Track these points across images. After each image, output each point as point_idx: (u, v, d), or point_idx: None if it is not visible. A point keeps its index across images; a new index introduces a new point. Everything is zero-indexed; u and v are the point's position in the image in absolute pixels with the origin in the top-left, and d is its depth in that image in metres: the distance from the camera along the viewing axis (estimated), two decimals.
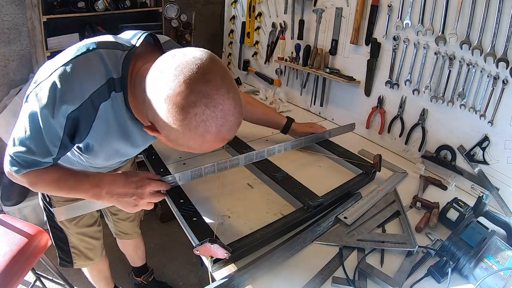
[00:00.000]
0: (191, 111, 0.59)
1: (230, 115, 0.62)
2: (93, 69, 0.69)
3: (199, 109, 0.59)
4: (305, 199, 1.01)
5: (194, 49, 0.65)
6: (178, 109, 0.60)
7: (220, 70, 0.63)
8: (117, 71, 0.72)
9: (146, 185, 0.84)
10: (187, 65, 0.61)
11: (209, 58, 0.63)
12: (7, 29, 1.94)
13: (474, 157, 1.18)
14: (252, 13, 2.04)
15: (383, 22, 1.36)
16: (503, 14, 1.01)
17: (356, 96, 1.58)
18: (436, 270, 0.82)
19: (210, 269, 0.80)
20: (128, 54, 0.73)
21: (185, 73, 0.60)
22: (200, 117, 0.60)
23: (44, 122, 0.68)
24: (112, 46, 0.73)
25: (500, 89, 1.06)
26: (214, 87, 0.60)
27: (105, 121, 0.75)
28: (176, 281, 1.85)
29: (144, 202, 0.85)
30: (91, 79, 0.69)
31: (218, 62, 0.65)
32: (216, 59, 0.65)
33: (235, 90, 0.64)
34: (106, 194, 0.82)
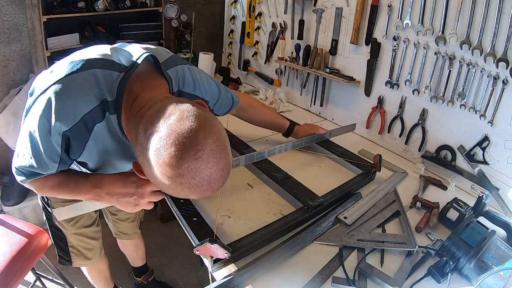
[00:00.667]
0: (178, 181, 0.59)
1: (215, 182, 0.61)
2: (87, 90, 0.68)
3: (185, 179, 0.58)
4: (305, 199, 1.01)
5: (190, 117, 0.60)
6: (165, 177, 0.59)
7: (214, 144, 0.60)
8: (111, 94, 0.70)
9: (146, 184, 0.82)
10: (180, 139, 0.57)
11: (203, 129, 0.59)
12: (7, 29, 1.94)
13: (474, 157, 1.18)
14: (252, 13, 2.04)
15: (383, 22, 1.36)
16: (503, 14, 1.01)
17: (356, 96, 1.58)
18: (436, 270, 0.82)
19: (210, 269, 0.80)
20: (124, 77, 0.71)
21: (177, 145, 0.57)
22: (186, 185, 0.59)
23: (42, 140, 0.70)
24: (108, 66, 0.71)
25: (500, 89, 1.06)
26: (203, 163, 0.58)
27: (101, 142, 0.76)
28: (176, 281, 1.85)
29: (144, 202, 0.84)
30: (84, 100, 0.68)
31: (212, 133, 0.60)
32: (212, 129, 0.61)
33: (226, 158, 0.63)
34: (106, 194, 0.82)
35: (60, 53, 1.99)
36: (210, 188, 0.61)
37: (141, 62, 0.74)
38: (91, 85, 0.69)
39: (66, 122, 0.67)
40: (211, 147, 0.59)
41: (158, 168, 0.59)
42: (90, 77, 0.69)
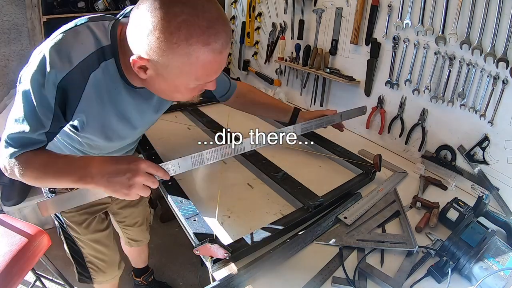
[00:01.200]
0: (169, 10, 0.60)
1: (214, 18, 0.63)
2: (80, 39, 0.70)
3: (178, 8, 0.60)
4: (305, 199, 1.01)
5: None
6: (155, 12, 0.61)
7: None
8: (106, 39, 0.72)
9: (140, 162, 0.73)
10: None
11: None
12: (7, 29, 1.94)
13: (474, 157, 1.18)
14: (252, 13, 2.04)
15: (383, 22, 1.36)
16: (503, 14, 1.01)
17: (356, 96, 1.58)
18: (436, 270, 0.82)
19: (210, 269, 0.80)
20: (115, 22, 0.75)
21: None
22: (180, 16, 0.60)
23: (36, 93, 0.69)
24: (99, 18, 0.75)
25: (500, 89, 1.06)
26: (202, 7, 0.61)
27: (97, 93, 0.75)
28: (176, 281, 1.85)
29: (139, 182, 0.72)
30: (78, 47, 0.70)
31: None
32: None
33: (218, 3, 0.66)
34: (96, 174, 0.71)
35: None
36: (212, 29, 0.63)
37: (129, 11, 0.75)
38: (85, 34, 0.71)
39: (61, 69, 0.67)
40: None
41: (150, 22, 0.62)
42: (83, 29, 0.72)
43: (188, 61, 0.64)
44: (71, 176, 0.74)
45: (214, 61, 0.67)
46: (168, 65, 0.66)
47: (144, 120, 0.95)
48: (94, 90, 0.74)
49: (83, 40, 0.71)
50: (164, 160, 1.21)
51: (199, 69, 0.67)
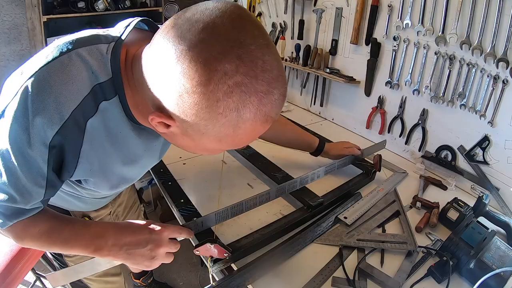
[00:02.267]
0: (218, 67, 0.41)
1: (274, 80, 0.45)
2: (71, 77, 0.52)
3: (230, 65, 0.41)
4: (305, 199, 1.01)
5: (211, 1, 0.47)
6: (197, 65, 0.41)
7: (253, 18, 0.46)
8: (105, 72, 0.54)
9: (162, 229, 0.66)
10: (207, 12, 0.44)
11: (235, 4, 0.47)
12: (7, 29, 1.95)
13: (474, 157, 1.18)
14: (252, 13, 2.04)
15: (383, 22, 1.36)
16: (503, 14, 1.01)
17: (356, 96, 1.58)
18: (436, 270, 0.82)
19: (210, 269, 0.80)
20: (115, 45, 0.55)
21: (205, 19, 0.43)
22: (232, 78, 0.42)
23: (19, 156, 0.51)
24: (92, 41, 0.56)
25: (500, 89, 1.06)
26: (248, 35, 0.42)
27: (98, 144, 0.58)
28: (176, 281, 1.85)
29: (163, 252, 0.66)
30: (69, 90, 0.51)
31: (247, 10, 0.49)
32: (244, 8, 0.48)
33: (275, 47, 0.47)
34: (112, 246, 0.63)
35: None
36: (270, 92, 0.45)
37: (133, 27, 0.59)
38: (75, 69, 0.52)
39: (51, 125, 0.50)
40: (252, 20, 0.46)
41: (184, 61, 0.42)
42: (71, 61, 0.52)
43: (233, 133, 0.48)
44: (84, 248, 0.65)
45: (262, 130, 0.50)
46: (204, 133, 0.49)
47: (155, 157, 0.79)
48: (94, 141, 0.57)
49: (73, 77, 0.52)
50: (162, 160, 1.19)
51: (243, 138, 0.51)
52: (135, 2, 2.21)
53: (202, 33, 0.42)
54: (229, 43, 0.41)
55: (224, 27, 0.42)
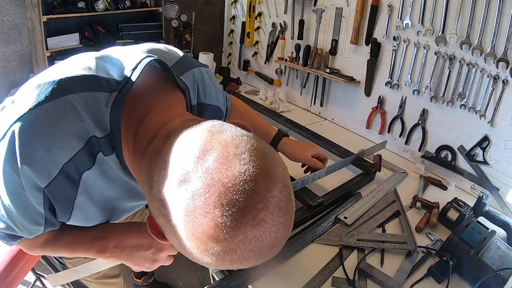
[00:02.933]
0: (227, 257, 0.39)
1: (279, 246, 0.45)
2: (61, 129, 0.47)
3: (239, 254, 0.38)
4: (305, 199, 1.01)
5: (241, 155, 0.38)
6: (206, 253, 0.39)
7: (281, 195, 0.39)
8: (102, 127, 0.49)
9: (162, 249, 0.65)
10: (230, 195, 0.36)
11: (265, 175, 0.38)
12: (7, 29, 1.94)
13: (474, 157, 1.18)
14: (252, 13, 2.04)
15: (383, 22, 1.36)
16: (503, 14, 1.01)
17: (356, 96, 1.58)
18: (436, 270, 0.82)
19: (210, 269, 0.80)
20: (118, 98, 0.50)
21: (225, 205, 0.36)
22: (239, 260, 0.39)
23: (14, 197, 0.49)
24: (90, 86, 0.49)
25: (500, 89, 1.06)
26: (267, 227, 0.38)
27: (95, 192, 0.55)
28: (176, 281, 1.84)
29: (164, 256, 0.65)
30: (60, 144, 0.47)
31: (277, 179, 0.39)
32: (277, 171, 0.40)
33: (292, 210, 0.43)
34: (114, 248, 0.62)
35: (60, 53, 1.99)
36: (271, 255, 0.44)
37: (142, 70, 0.52)
38: (68, 120, 0.47)
39: (40, 179, 0.47)
40: (278, 202, 0.38)
41: (193, 241, 0.38)
42: (63, 109, 0.47)
43: (219, 266, 0.43)
44: (86, 251, 0.64)
45: None
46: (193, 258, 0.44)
47: None
48: (92, 189, 0.54)
49: (66, 130, 0.47)
50: None
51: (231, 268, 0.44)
52: (135, 2, 2.21)
53: (216, 210, 0.36)
54: (242, 243, 0.38)
55: (242, 226, 0.37)
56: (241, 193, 0.36)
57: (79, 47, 2.03)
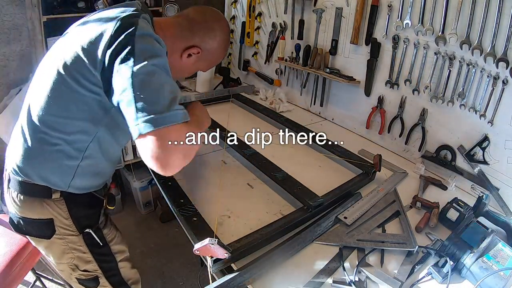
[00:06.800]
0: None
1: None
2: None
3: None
4: (305, 199, 1.01)
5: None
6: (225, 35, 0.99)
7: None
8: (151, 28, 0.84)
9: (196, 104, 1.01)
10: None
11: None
12: (7, 29, 1.94)
13: (474, 157, 1.18)
14: (252, 13, 2.04)
15: (383, 22, 1.36)
16: (503, 14, 1.01)
17: (356, 96, 1.57)
18: (436, 270, 0.82)
19: (210, 269, 0.80)
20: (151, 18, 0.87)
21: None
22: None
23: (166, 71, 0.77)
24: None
25: (500, 89, 1.06)
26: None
27: None
28: (176, 281, 1.85)
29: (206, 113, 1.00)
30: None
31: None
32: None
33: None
34: (196, 120, 0.89)
35: None
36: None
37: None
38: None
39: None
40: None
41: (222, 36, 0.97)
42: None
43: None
44: (197, 126, 0.86)
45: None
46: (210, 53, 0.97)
47: None
48: None
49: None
50: None
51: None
52: None
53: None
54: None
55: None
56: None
57: None
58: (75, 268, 0.99)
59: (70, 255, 0.97)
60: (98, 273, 1.02)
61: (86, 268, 1.00)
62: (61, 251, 0.96)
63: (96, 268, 1.01)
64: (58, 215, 0.90)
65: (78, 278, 1.01)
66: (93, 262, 1.00)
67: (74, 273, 1.00)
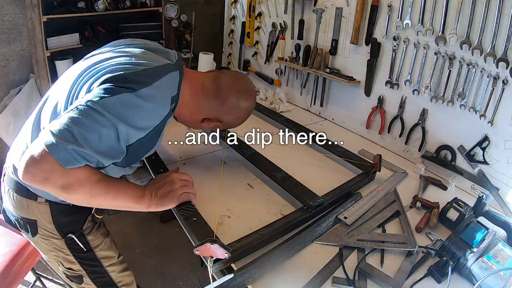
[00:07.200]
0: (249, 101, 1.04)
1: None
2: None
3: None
4: (305, 199, 1.01)
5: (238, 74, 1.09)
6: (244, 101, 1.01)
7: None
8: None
9: (170, 173, 0.97)
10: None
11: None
12: (7, 29, 1.94)
13: (474, 157, 1.18)
14: (252, 13, 2.04)
15: (383, 22, 1.36)
16: (503, 14, 1.01)
17: (356, 96, 1.57)
18: (436, 270, 0.82)
19: (210, 269, 0.80)
20: (180, 76, 0.88)
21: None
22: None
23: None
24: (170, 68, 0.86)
25: (500, 89, 1.06)
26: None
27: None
28: (176, 281, 1.85)
29: (178, 187, 0.92)
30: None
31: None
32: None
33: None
34: (148, 193, 0.88)
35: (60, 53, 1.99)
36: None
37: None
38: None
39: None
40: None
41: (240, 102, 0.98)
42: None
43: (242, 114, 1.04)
44: (132, 196, 0.86)
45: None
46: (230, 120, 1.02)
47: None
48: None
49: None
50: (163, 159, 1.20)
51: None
52: (135, 2, 2.20)
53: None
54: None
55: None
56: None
57: (79, 47, 2.03)
58: (60, 264, 1.02)
59: (55, 253, 0.99)
60: (83, 273, 1.04)
61: (71, 267, 1.02)
62: (46, 248, 0.99)
63: (80, 269, 1.03)
64: (42, 218, 0.92)
65: (64, 272, 1.04)
66: (77, 264, 1.01)
67: (60, 267, 1.03)
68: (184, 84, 0.89)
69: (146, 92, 0.76)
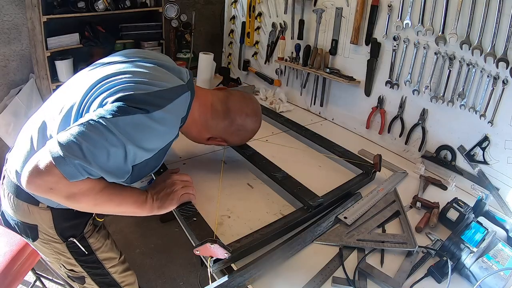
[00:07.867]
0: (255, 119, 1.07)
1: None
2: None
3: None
4: (305, 199, 1.01)
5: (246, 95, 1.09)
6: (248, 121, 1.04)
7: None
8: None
9: (170, 175, 0.96)
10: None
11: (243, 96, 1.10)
12: (7, 29, 1.94)
13: (474, 157, 1.18)
14: (252, 13, 2.04)
15: (383, 22, 1.36)
16: (503, 14, 1.01)
17: (356, 96, 1.58)
18: (436, 270, 0.82)
19: (210, 269, 0.80)
20: (191, 97, 0.89)
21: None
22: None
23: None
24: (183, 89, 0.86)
25: (500, 89, 1.06)
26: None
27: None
28: (176, 281, 1.85)
29: (178, 187, 0.93)
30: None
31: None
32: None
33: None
34: (149, 197, 0.89)
35: (60, 53, 1.99)
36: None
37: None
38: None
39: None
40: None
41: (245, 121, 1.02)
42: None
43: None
44: (134, 202, 0.86)
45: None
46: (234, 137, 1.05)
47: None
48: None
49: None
50: None
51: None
52: (135, 2, 2.20)
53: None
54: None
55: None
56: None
57: (79, 47, 2.03)
58: (62, 266, 1.02)
59: (56, 256, 0.99)
60: (84, 274, 1.04)
61: (73, 269, 1.02)
62: (46, 252, 0.99)
63: (82, 270, 1.03)
64: (43, 223, 0.91)
65: (66, 273, 1.04)
66: (79, 266, 1.02)
67: (61, 269, 1.03)
68: (194, 104, 0.91)
69: (159, 115, 0.75)
